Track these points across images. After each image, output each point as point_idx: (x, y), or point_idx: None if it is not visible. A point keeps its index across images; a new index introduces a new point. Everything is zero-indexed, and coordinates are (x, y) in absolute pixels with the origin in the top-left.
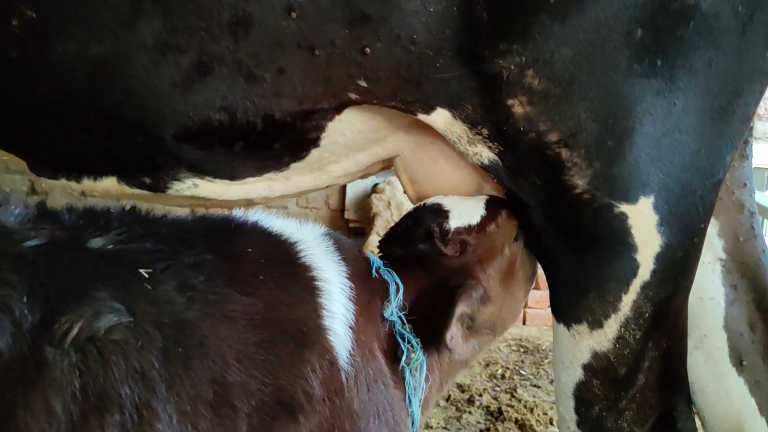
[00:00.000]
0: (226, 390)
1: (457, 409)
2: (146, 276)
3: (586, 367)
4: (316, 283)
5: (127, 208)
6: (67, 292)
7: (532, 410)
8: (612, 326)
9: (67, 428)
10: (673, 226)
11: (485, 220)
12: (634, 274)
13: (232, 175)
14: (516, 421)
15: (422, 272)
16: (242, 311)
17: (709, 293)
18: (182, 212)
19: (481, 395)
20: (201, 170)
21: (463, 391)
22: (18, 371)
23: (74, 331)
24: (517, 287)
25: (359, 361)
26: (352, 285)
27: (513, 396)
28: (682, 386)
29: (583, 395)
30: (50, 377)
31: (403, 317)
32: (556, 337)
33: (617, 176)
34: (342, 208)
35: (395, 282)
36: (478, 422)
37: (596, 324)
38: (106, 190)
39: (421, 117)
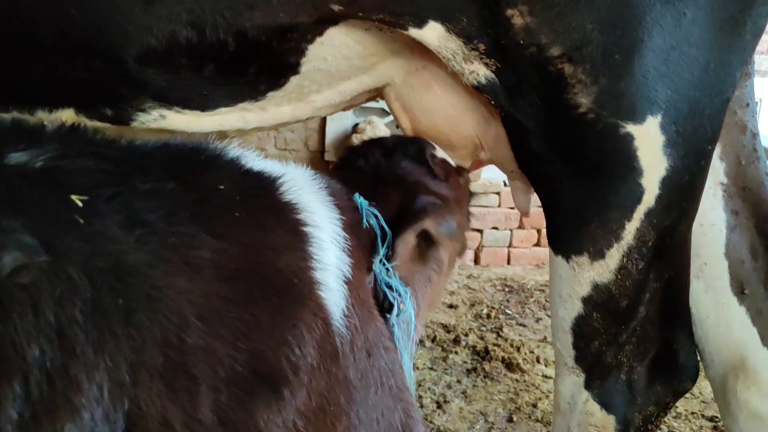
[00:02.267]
0: (183, 356)
1: (443, 350)
2: (79, 204)
3: (586, 300)
4: (305, 228)
5: (66, 125)
6: None
7: (518, 349)
8: (614, 256)
9: None
10: (680, 148)
11: (460, 168)
12: (639, 201)
13: (203, 105)
14: (503, 360)
15: (396, 193)
16: (211, 258)
17: (710, 219)
18: None
19: (467, 335)
20: (168, 99)
21: (448, 332)
22: None
23: None
24: (451, 265)
25: (356, 323)
26: (347, 235)
27: (499, 335)
28: (684, 318)
29: (582, 330)
30: None
31: (387, 264)
32: (554, 270)
33: (624, 93)
34: (322, 149)
35: (382, 227)
36: (465, 362)
37: (598, 254)
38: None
39: (412, 32)
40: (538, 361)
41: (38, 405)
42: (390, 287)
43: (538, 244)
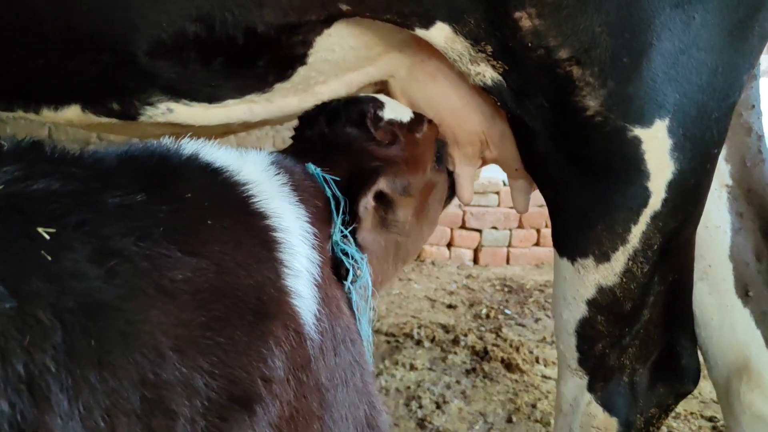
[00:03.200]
0: (160, 392)
1: (443, 350)
2: (46, 237)
3: (591, 303)
4: (275, 234)
5: (26, 141)
6: None
7: (517, 349)
8: (619, 259)
9: None
10: (687, 152)
11: (414, 123)
12: (645, 204)
13: (211, 97)
14: (502, 361)
15: (344, 158)
16: (185, 280)
17: (715, 221)
18: None
19: (466, 335)
20: (176, 92)
21: (447, 332)
22: None
23: None
24: (426, 221)
25: (326, 324)
26: (315, 230)
27: (498, 335)
28: (687, 321)
29: (586, 332)
30: None
31: (344, 230)
32: (559, 272)
33: (632, 97)
34: None
35: (335, 196)
36: (464, 362)
37: (603, 257)
38: (69, 120)
39: (419, 32)
40: (537, 362)
41: None
42: (346, 254)
43: (537, 244)
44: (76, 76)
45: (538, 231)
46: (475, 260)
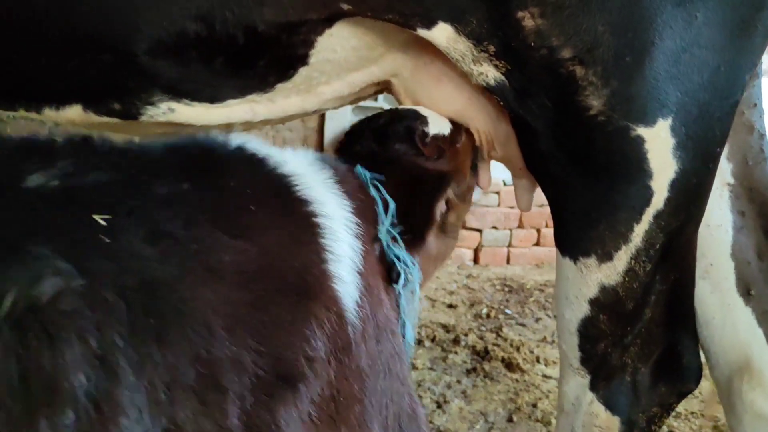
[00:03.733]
0: (213, 368)
1: (443, 350)
2: (103, 224)
3: (593, 302)
4: (318, 220)
5: (77, 136)
6: None
7: (518, 349)
8: (622, 258)
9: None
10: (690, 151)
11: (454, 135)
12: (648, 203)
13: (212, 97)
14: (502, 360)
15: (392, 173)
16: (232, 261)
17: (716, 220)
18: None
19: (466, 335)
20: (178, 92)
21: (448, 332)
22: None
23: (8, 301)
24: (459, 221)
25: (367, 311)
26: (358, 221)
27: (499, 335)
28: (688, 320)
29: (588, 331)
30: None
31: (393, 231)
32: (561, 272)
33: (635, 96)
34: (321, 149)
35: (384, 199)
36: (465, 362)
37: (606, 256)
38: (70, 120)
39: (421, 32)
40: (537, 361)
41: (87, 430)
42: (398, 258)
43: (537, 244)
44: (78, 75)
45: (538, 231)
46: (476, 260)
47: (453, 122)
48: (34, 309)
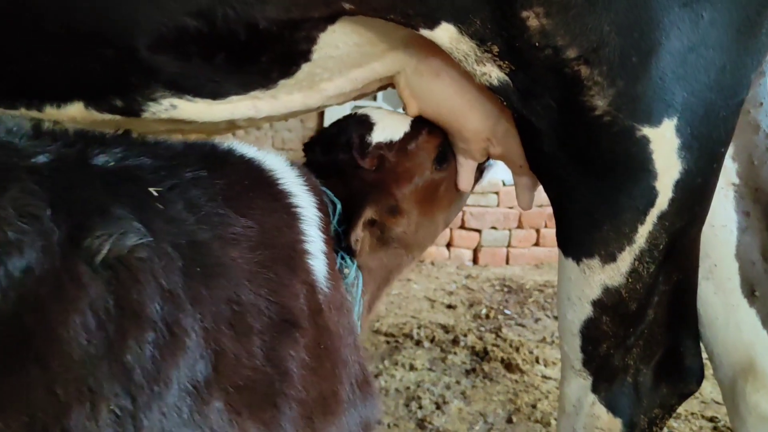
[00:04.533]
0: (242, 308)
1: (442, 350)
2: (155, 195)
3: (596, 304)
4: (296, 209)
5: (120, 131)
6: (88, 209)
7: (517, 349)
8: (626, 259)
9: (104, 345)
10: (695, 151)
11: (407, 138)
12: (652, 204)
13: (215, 93)
14: (502, 361)
15: (339, 183)
16: (242, 233)
17: (721, 220)
18: None
19: (465, 335)
20: (180, 87)
21: (447, 332)
22: (52, 287)
23: (105, 249)
24: (438, 212)
25: (332, 286)
26: (321, 214)
27: (498, 336)
28: (691, 321)
29: (591, 333)
30: (86, 294)
31: (341, 231)
32: (563, 272)
33: (641, 96)
34: None
35: (332, 201)
36: (464, 363)
37: (609, 258)
38: (72, 117)
39: (424, 32)
40: (537, 362)
41: (163, 347)
42: (336, 252)
43: (537, 244)
44: (78, 72)
45: (537, 231)
46: (475, 260)
47: (415, 121)
48: (121, 256)
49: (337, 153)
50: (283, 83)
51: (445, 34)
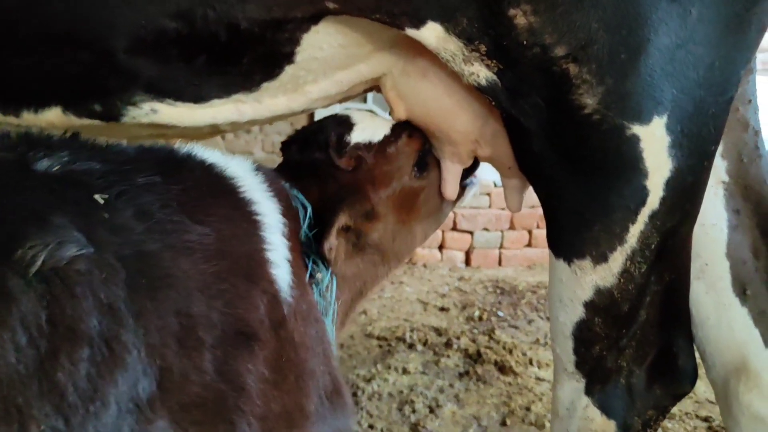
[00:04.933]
0: (191, 322)
1: (435, 353)
2: (101, 202)
3: (588, 305)
4: (257, 217)
5: (67, 134)
6: (24, 217)
7: (511, 351)
8: (617, 260)
9: (35, 363)
10: (685, 149)
11: (387, 140)
12: (643, 203)
13: (196, 96)
14: (495, 363)
15: (314, 183)
16: (197, 242)
17: (711, 219)
18: None
19: (458, 338)
20: (160, 91)
21: (440, 335)
22: None
23: (39, 260)
24: (417, 222)
25: (297, 295)
26: (285, 221)
27: (491, 338)
28: (683, 321)
29: (583, 335)
30: (17, 309)
31: (311, 236)
32: (555, 274)
33: (630, 94)
34: None
35: (302, 204)
36: (457, 365)
37: (601, 258)
38: (50, 123)
39: (410, 32)
40: (531, 364)
41: (100, 364)
42: (307, 256)
43: (529, 245)
44: (55, 76)
45: (529, 232)
46: (467, 262)
47: (395, 125)
48: (57, 268)
49: (313, 151)
50: (266, 86)
51: (431, 33)
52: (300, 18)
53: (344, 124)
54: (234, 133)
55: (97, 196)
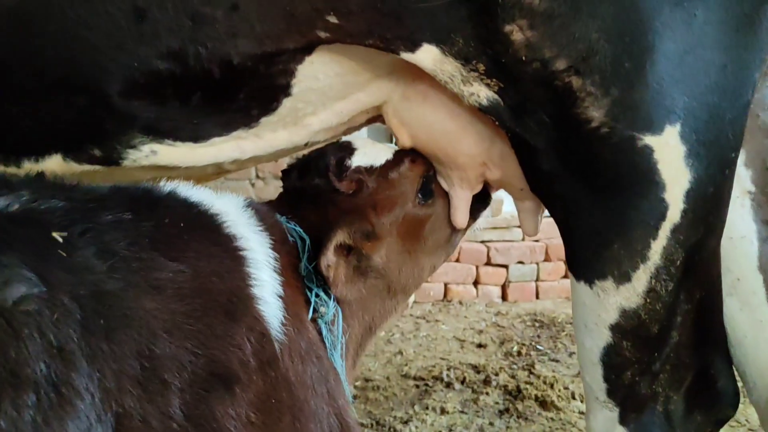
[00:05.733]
0: (155, 363)
1: (474, 391)
2: (60, 241)
3: (614, 328)
4: (242, 252)
5: (31, 173)
6: None
7: (552, 386)
8: (641, 278)
9: None
10: (703, 158)
11: (389, 165)
12: (663, 217)
13: (195, 136)
14: (536, 398)
15: (313, 211)
16: (169, 279)
17: (740, 231)
18: None
19: (497, 374)
20: (158, 132)
21: (478, 372)
22: None
23: None
24: (422, 253)
25: (292, 332)
26: (277, 255)
27: (531, 372)
28: (719, 340)
29: (612, 360)
30: None
31: (311, 268)
32: (577, 297)
33: (638, 103)
34: None
35: (301, 237)
36: (497, 403)
37: (623, 277)
38: (52, 171)
39: (405, 56)
40: (573, 398)
41: (48, 410)
42: (310, 289)
43: (566, 276)
44: (52, 122)
45: (566, 263)
46: (504, 297)
47: (398, 151)
48: (2, 309)
49: (313, 177)
50: (265, 120)
51: (427, 56)
52: (292, 49)
53: (345, 148)
54: (264, 180)
55: (55, 234)
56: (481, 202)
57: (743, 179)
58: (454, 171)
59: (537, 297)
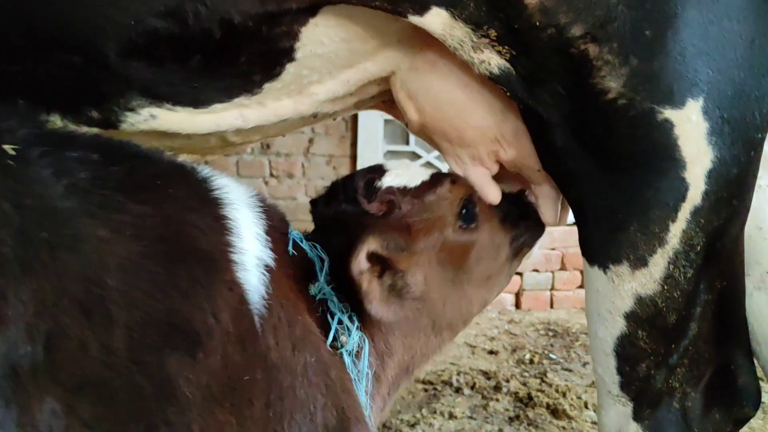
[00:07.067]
0: (102, 293)
1: (483, 397)
2: (11, 153)
3: (629, 316)
4: (227, 220)
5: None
6: None
7: (564, 394)
8: (659, 263)
9: None
10: (726, 136)
11: (425, 186)
12: (683, 198)
13: (195, 101)
14: (548, 407)
15: (341, 235)
16: (132, 222)
17: None
18: None
19: (508, 381)
20: (157, 94)
21: (488, 378)
22: None
23: None
24: (469, 284)
25: (281, 315)
26: (269, 238)
27: (543, 381)
28: (741, 335)
29: (626, 351)
30: None
31: (334, 295)
32: (591, 284)
33: (659, 74)
34: None
35: (318, 256)
36: (507, 410)
37: (640, 262)
38: None
39: (413, 19)
40: (586, 407)
41: None
42: (332, 315)
43: (581, 287)
44: (51, 82)
45: (581, 273)
46: (517, 305)
47: (435, 174)
48: None
49: (341, 202)
50: (268, 87)
51: (436, 19)
52: (296, 9)
53: (376, 170)
54: (277, 178)
55: (6, 147)
56: (534, 229)
57: None
58: (464, 149)
59: (551, 306)
